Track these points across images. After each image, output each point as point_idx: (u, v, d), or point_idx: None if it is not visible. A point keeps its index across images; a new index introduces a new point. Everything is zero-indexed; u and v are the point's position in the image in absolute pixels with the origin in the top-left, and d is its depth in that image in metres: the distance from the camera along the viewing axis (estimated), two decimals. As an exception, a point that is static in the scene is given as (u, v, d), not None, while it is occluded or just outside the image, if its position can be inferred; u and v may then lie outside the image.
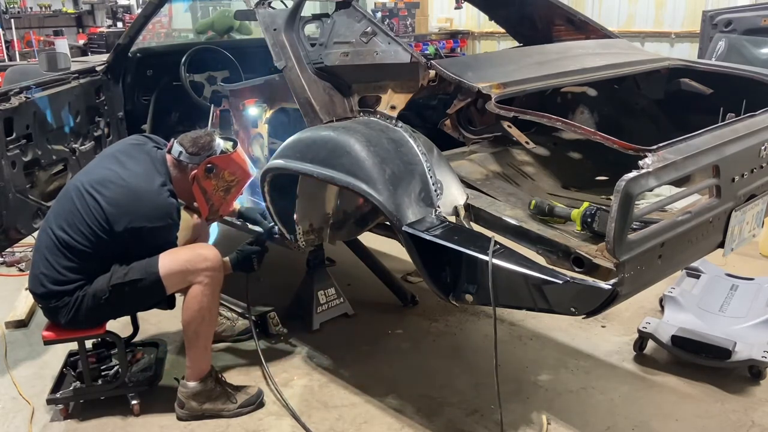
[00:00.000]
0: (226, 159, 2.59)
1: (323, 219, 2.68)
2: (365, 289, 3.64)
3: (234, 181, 2.66)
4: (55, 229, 2.46)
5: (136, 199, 2.43)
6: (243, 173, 2.68)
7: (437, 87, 2.46)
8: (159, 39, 9.70)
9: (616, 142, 1.93)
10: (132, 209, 2.42)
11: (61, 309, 2.46)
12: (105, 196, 2.43)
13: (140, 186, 2.46)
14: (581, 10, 4.28)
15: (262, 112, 2.95)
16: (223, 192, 2.66)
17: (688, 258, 2.21)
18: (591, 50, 3.00)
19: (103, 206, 2.41)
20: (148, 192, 2.45)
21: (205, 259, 2.48)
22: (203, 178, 2.58)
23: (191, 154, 2.56)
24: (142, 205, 2.43)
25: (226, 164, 2.60)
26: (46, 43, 11.20)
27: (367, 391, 2.79)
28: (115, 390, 2.66)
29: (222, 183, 2.63)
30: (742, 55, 4.78)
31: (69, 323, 2.49)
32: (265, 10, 2.81)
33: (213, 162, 2.57)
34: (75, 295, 2.44)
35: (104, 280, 2.44)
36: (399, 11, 9.07)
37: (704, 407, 2.63)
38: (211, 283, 2.49)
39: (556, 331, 3.21)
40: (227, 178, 2.63)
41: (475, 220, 2.17)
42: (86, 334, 2.58)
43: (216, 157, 2.57)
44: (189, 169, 2.57)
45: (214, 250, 2.54)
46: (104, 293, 2.43)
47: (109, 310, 2.53)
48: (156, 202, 2.45)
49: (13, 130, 3.05)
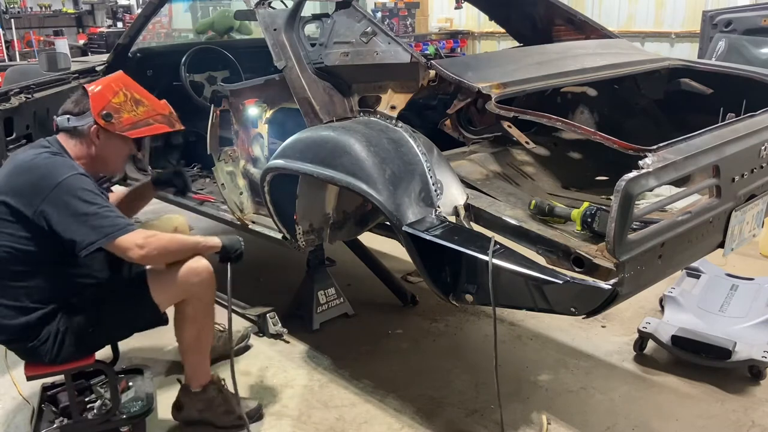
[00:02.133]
0: (112, 96, 2.31)
1: (323, 219, 2.68)
2: (365, 289, 3.64)
3: (141, 106, 2.37)
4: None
5: (26, 170, 2.16)
6: (140, 92, 2.41)
7: (437, 87, 2.46)
8: (159, 39, 9.70)
9: (616, 142, 1.93)
10: (28, 179, 2.13)
11: (40, 348, 2.20)
12: (6, 194, 2.15)
13: (23, 160, 2.20)
14: (581, 10, 4.27)
15: (262, 112, 2.95)
16: (134, 126, 2.35)
17: (688, 258, 2.21)
18: (591, 50, 3.00)
19: (2, 199, 2.14)
20: (32, 159, 2.18)
21: (197, 273, 2.30)
22: (107, 126, 2.29)
23: (80, 113, 2.29)
24: (35, 172, 2.14)
25: (113, 92, 2.32)
26: (46, 43, 11.21)
27: (367, 391, 2.79)
28: (107, 424, 2.39)
29: (129, 116, 2.33)
30: (742, 55, 4.78)
31: (54, 361, 2.23)
32: (265, 10, 2.81)
33: (103, 106, 2.28)
34: (49, 329, 2.18)
35: (88, 309, 2.23)
36: (399, 11, 9.09)
37: (704, 407, 2.63)
38: (203, 297, 2.36)
39: (556, 331, 3.21)
40: (131, 110, 2.33)
41: (475, 220, 2.17)
42: (74, 366, 2.31)
43: (103, 101, 2.29)
44: (88, 128, 2.28)
45: (204, 261, 2.33)
46: (91, 323, 2.22)
47: (99, 340, 2.34)
48: (47, 161, 2.17)
49: (13, 130, 3.05)
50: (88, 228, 2.09)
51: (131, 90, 2.39)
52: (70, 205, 2.10)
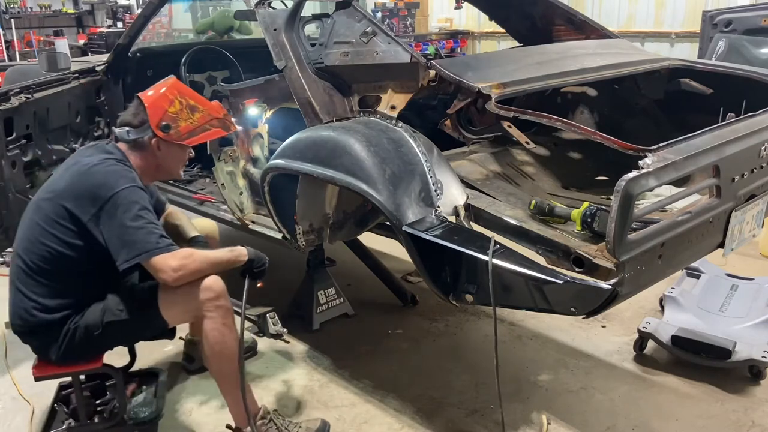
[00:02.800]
0: (168, 105, 2.34)
1: (323, 219, 2.68)
2: (365, 289, 3.64)
3: (197, 112, 2.40)
4: (20, 254, 2.25)
5: (87, 175, 2.20)
6: (194, 97, 2.45)
7: (437, 87, 2.46)
8: (159, 39, 9.70)
9: (616, 142, 1.93)
10: (87, 186, 2.17)
11: (51, 344, 2.23)
12: (58, 192, 2.21)
13: (86, 165, 2.23)
14: (581, 10, 4.27)
15: (262, 112, 2.95)
16: (192, 133, 2.40)
17: (688, 258, 2.21)
18: (591, 50, 3.00)
19: (62, 203, 2.18)
20: (94, 165, 2.22)
21: (208, 289, 2.22)
22: (166, 137, 2.34)
23: (140, 126, 2.34)
24: (95, 179, 2.18)
25: (168, 102, 2.35)
26: (46, 43, 11.19)
27: (367, 391, 2.79)
28: (112, 429, 2.40)
29: (187, 124, 2.37)
30: (742, 55, 4.78)
31: (61, 358, 2.25)
32: (265, 10, 2.81)
33: (161, 117, 2.32)
34: (65, 328, 2.21)
35: (96, 314, 2.22)
36: (399, 11, 9.08)
37: (704, 407, 2.63)
38: (220, 312, 2.24)
39: (556, 331, 3.21)
40: (188, 117, 2.37)
41: (475, 220, 2.17)
42: (81, 368, 2.33)
43: (160, 111, 2.33)
44: (148, 139, 2.33)
45: (217, 278, 2.27)
46: (97, 328, 2.22)
47: (105, 344, 2.32)
48: (108, 170, 2.21)
49: (13, 130, 3.05)
50: (130, 243, 2.12)
51: (186, 97, 2.42)
52: (120, 217, 2.13)
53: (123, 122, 2.38)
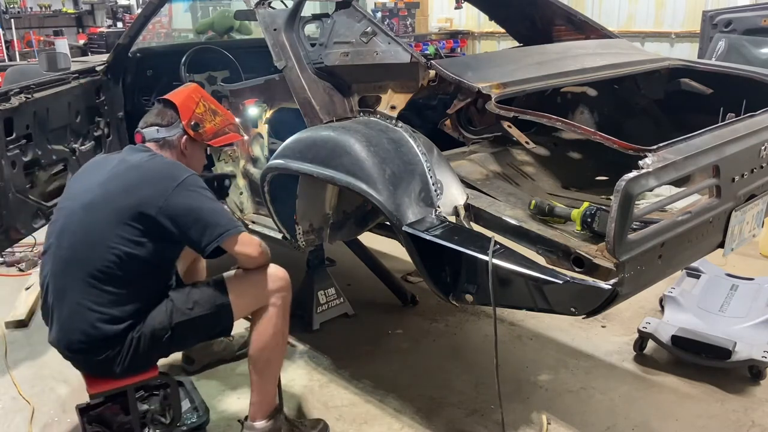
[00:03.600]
0: (195, 107, 2.39)
1: (323, 219, 2.68)
2: (365, 289, 3.64)
3: (218, 116, 2.46)
4: (76, 264, 2.11)
5: (145, 170, 2.19)
6: (214, 103, 2.50)
7: (437, 87, 2.46)
8: (159, 39, 9.69)
9: (616, 142, 1.93)
10: (149, 179, 2.15)
11: (114, 358, 2.11)
12: (114, 192, 2.14)
13: (137, 162, 2.23)
14: (581, 10, 4.27)
15: (262, 112, 2.95)
16: (215, 135, 2.45)
17: (688, 258, 2.21)
18: (591, 50, 3.00)
19: (122, 202, 2.11)
20: (146, 161, 2.23)
21: (278, 279, 2.27)
22: (195, 136, 2.38)
23: (169, 125, 2.35)
24: (155, 171, 2.18)
25: (198, 107, 2.40)
26: (46, 43, 11.20)
27: (367, 391, 2.79)
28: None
29: (211, 126, 2.41)
30: (742, 55, 4.78)
31: (125, 371, 2.14)
32: (265, 10, 2.81)
33: (190, 117, 2.36)
34: (129, 338, 2.11)
35: (162, 316, 2.15)
36: (399, 11, 9.08)
37: (704, 407, 2.63)
38: (283, 304, 2.28)
39: (556, 331, 3.21)
40: (211, 119, 2.42)
41: (475, 220, 2.17)
42: (138, 379, 2.22)
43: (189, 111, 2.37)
44: (177, 138, 2.35)
45: (282, 269, 2.32)
46: (165, 332, 2.14)
47: (169, 349, 2.27)
48: (164, 161, 2.25)
49: (13, 130, 3.05)
50: (213, 224, 2.12)
51: (207, 101, 2.47)
52: (194, 201, 2.14)
53: (150, 122, 2.37)
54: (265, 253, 2.26)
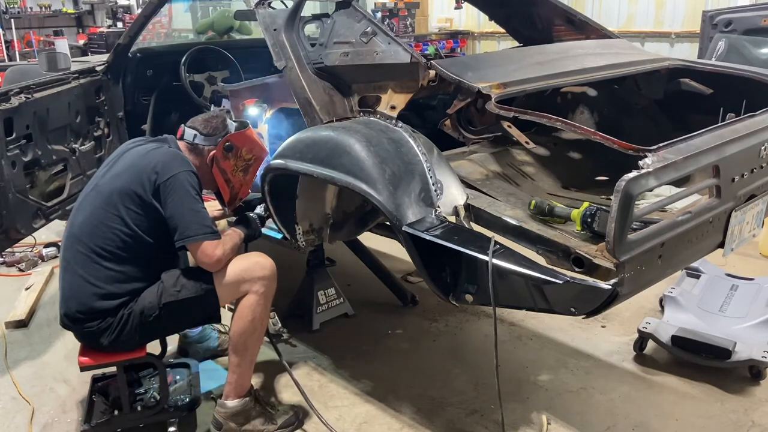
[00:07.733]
0: (242, 136, 2.51)
1: (323, 219, 2.68)
2: (365, 289, 3.64)
3: (252, 158, 2.57)
4: (83, 240, 2.29)
5: (147, 157, 2.34)
6: (260, 149, 2.62)
7: (437, 87, 2.46)
8: (159, 39, 9.69)
9: (616, 142, 1.93)
10: (146, 164, 2.30)
11: (104, 330, 2.28)
12: (118, 173, 2.32)
13: (144, 150, 2.39)
14: (581, 10, 4.28)
15: (262, 112, 2.95)
16: (242, 172, 2.57)
17: (688, 258, 2.21)
18: (591, 50, 3.00)
19: (123, 183, 2.29)
20: (153, 150, 2.38)
21: (262, 267, 2.38)
22: (222, 159, 2.48)
23: (207, 135, 2.48)
24: (157, 159, 2.31)
25: (243, 141, 2.51)
26: (46, 43, 11.19)
27: (367, 391, 2.79)
28: (155, 416, 2.48)
29: (240, 162, 2.53)
30: (742, 55, 4.77)
31: (112, 344, 2.30)
32: (265, 10, 2.81)
33: (230, 140, 2.48)
34: (120, 313, 2.27)
35: (152, 296, 2.29)
36: (399, 11, 9.07)
37: (704, 407, 2.63)
38: (266, 292, 2.38)
39: (556, 331, 3.21)
40: (245, 156, 2.53)
41: (475, 220, 2.17)
42: (126, 357, 2.38)
43: (233, 135, 2.49)
44: (206, 151, 2.48)
45: (269, 259, 2.43)
46: (153, 311, 2.28)
47: (158, 329, 2.40)
48: (169, 151, 2.38)
49: (13, 130, 3.05)
50: (191, 221, 2.25)
51: (254, 155, 2.58)
52: (183, 194, 2.27)
53: (193, 125, 2.51)
54: (219, 264, 2.31)
